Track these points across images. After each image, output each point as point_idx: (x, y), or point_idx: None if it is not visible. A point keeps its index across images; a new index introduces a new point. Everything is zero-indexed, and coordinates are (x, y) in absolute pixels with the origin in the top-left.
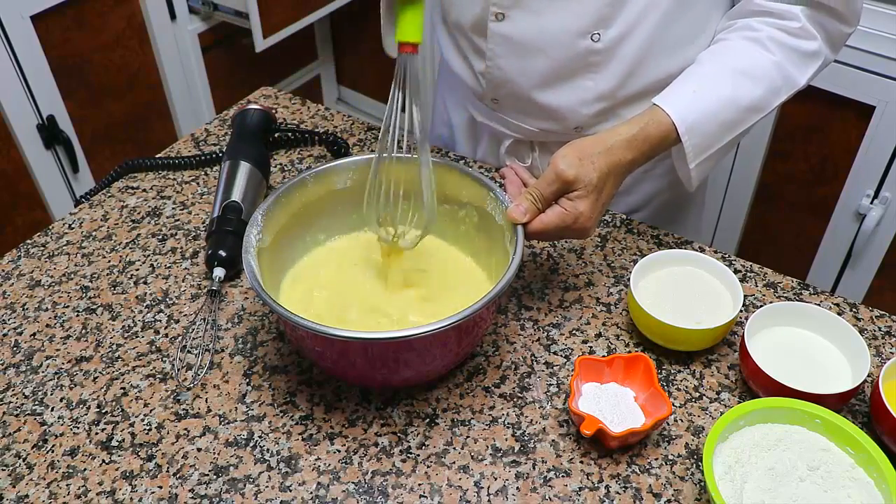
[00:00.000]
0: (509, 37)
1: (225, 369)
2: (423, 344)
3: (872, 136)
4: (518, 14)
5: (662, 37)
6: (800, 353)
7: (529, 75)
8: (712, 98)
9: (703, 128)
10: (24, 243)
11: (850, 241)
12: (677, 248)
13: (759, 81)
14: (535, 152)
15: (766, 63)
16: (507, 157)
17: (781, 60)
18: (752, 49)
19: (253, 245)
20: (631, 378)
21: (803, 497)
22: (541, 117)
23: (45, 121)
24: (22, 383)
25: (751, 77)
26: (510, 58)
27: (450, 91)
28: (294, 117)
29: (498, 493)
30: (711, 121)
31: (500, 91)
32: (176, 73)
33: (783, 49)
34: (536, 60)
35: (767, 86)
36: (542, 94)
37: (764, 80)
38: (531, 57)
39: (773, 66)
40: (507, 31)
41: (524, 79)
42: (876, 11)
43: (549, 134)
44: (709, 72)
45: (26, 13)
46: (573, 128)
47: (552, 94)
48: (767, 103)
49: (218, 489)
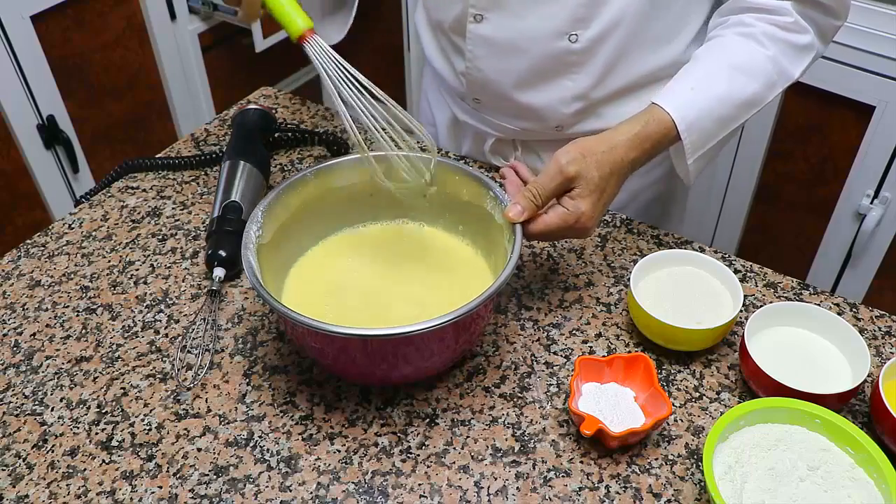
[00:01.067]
0: (488, 38)
1: (225, 369)
2: (422, 340)
3: (872, 136)
4: (496, 15)
5: (640, 36)
6: (800, 353)
7: (509, 75)
8: (710, 95)
9: (700, 124)
10: (24, 243)
11: (850, 241)
12: (677, 248)
13: (755, 77)
14: (518, 151)
15: (761, 58)
16: (490, 156)
17: (776, 55)
18: (747, 45)
19: (253, 241)
20: (631, 378)
21: (803, 497)
22: (521, 117)
23: (45, 121)
24: (22, 383)
25: (747, 73)
26: (489, 58)
27: (433, 89)
28: (294, 117)
29: (498, 493)
30: (709, 117)
31: (480, 91)
32: (176, 73)
33: (777, 44)
34: (515, 61)
35: (763, 81)
36: (522, 94)
37: (760, 76)
38: (510, 57)
39: (767, 60)
40: (486, 32)
41: (504, 79)
42: (876, 11)
43: (530, 133)
44: (706, 69)
45: (26, 13)
46: (554, 127)
47: (532, 94)
48: (763, 98)
49: (218, 489)
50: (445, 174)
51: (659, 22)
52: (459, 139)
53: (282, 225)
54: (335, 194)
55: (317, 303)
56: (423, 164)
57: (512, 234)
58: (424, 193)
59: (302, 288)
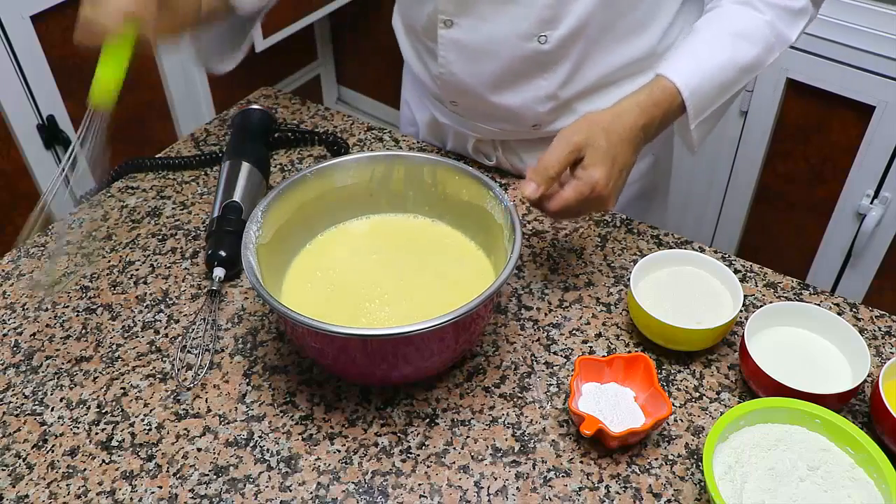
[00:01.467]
0: (459, 42)
1: (225, 369)
2: (422, 340)
3: (872, 136)
4: (465, 20)
5: (610, 31)
6: (800, 353)
7: (482, 78)
8: (713, 63)
9: (703, 90)
10: (24, 243)
11: (850, 241)
12: (677, 248)
13: (754, 42)
14: (499, 151)
15: (760, 23)
16: (474, 155)
17: (773, 19)
18: (745, 12)
19: (253, 241)
20: (631, 378)
21: (803, 497)
22: (498, 118)
23: (45, 121)
24: (22, 383)
25: (747, 38)
26: (461, 62)
27: (413, 91)
28: (294, 117)
29: (498, 493)
30: (710, 83)
31: (455, 94)
32: (176, 73)
33: (773, 9)
34: (487, 64)
35: (763, 45)
36: (496, 96)
37: (759, 41)
38: (482, 61)
39: (766, 25)
40: (457, 36)
41: (477, 82)
42: (876, 11)
43: (508, 133)
44: (707, 38)
45: (26, 13)
46: (531, 126)
47: (506, 95)
48: (763, 62)
49: (218, 489)
50: (445, 174)
51: (628, 16)
52: (442, 139)
53: (282, 225)
54: (335, 194)
55: (317, 302)
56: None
57: (512, 234)
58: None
59: (302, 288)
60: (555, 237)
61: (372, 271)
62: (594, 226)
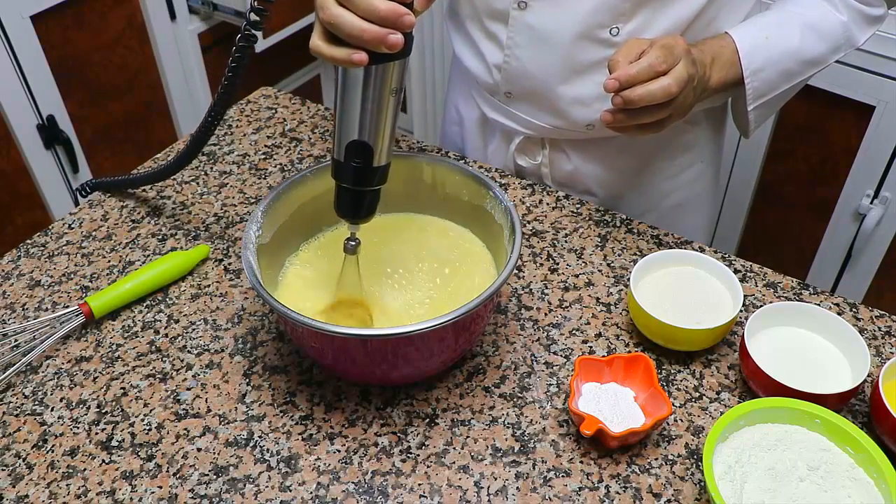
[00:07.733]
0: (530, 26)
1: (225, 369)
2: (422, 340)
3: (872, 136)
4: (539, 4)
5: (683, 32)
6: (800, 353)
7: (546, 67)
8: (781, 48)
9: (765, 74)
10: (24, 243)
11: (850, 241)
12: (677, 248)
13: (824, 38)
14: (546, 149)
15: (835, 21)
16: (516, 156)
17: (848, 21)
18: (823, 6)
19: (253, 241)
20: (631, 378)
21: (803, 497)
22: (553, 112)
23: (45, 121)
24: (22, 383)
25: (818, 33)
26: (529, 48)
27: (461, 88)
28: (294, 117)
29: (498, 493)
30: (775, 68)
31: (515, 84)
32: (176, 73)
33: (851, 11)
34: (554, 52)
35: (831, 43)
36: (556, 87)
37: (829, 38)
38: (549, 48)
39: (840, 25)
40: (529, 20)
41: (540, 70)
42: None
43: (561, 132)
44: (780, 21)
45: (26, 13)
46: (585, 125)
47: (567, 88)
48: (826, 59)
49: (218, 489)
50: (445, 174)
51: (703, 18)
52: (486, 138)
53: (282, 225)
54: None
55: (316, 301)
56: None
57: (512, 234)
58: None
59: (301, 287)
60: (555, 237)
61: (373, 270)
62: (594, 226)
